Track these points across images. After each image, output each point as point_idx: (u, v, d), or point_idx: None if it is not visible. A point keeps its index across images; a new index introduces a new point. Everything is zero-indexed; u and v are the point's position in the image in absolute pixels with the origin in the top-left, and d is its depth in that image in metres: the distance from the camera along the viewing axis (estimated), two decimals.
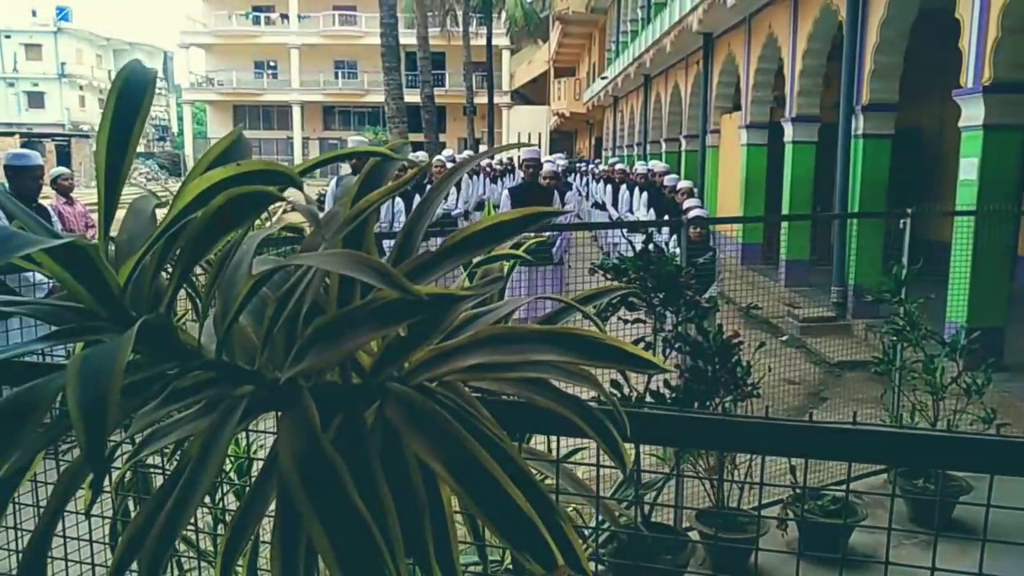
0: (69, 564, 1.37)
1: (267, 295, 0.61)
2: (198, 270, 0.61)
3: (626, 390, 3.40)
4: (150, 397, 0.56)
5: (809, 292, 10.33)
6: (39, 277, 4.74)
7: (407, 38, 28.55)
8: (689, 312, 3.51)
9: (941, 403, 4.23)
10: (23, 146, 44.09)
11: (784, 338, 8.71)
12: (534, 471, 1.11)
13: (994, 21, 6.22)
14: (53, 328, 0.53)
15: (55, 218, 5.61)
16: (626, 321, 3.42)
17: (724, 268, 9.36)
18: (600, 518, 1.07)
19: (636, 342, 3.39)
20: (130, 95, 0.60)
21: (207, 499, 1.50)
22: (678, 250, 6.80)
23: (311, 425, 0.54)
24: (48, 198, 7.54)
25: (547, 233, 7.41)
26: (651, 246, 7.75)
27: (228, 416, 0.55)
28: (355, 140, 7.76)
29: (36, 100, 55.75)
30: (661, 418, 0.80)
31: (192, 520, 1.10)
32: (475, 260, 0.89)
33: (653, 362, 0.65)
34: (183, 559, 1.68)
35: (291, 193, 0.62)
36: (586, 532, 1.50)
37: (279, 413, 0.60)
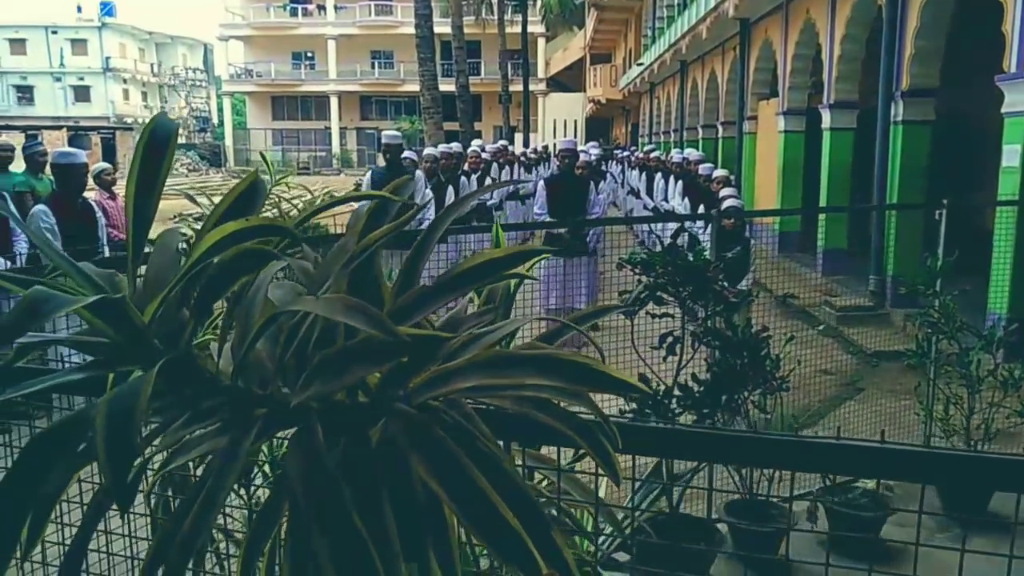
0: (115, 560, 1.46)
1: (283, 321, 0.67)
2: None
3: (654, 384, 3.45)
4: (176, 417, 0.62)
5: (846, 281, 10.19)
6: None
7: (442, 27, 28.58)
8: (718, 306, 3.53)
9: (977, 396, 4.18)
10: (70, 139, 45.27)
11: (820, 328, 8.63)
12: (542, 475, 1.16)
13: None
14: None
15: (99, 213, 5.78)
16: (654, 316, 3.45)
17: (760, 257, 9.29)
18: (601, 521, 1.12)
19: (664, 336, 3.42)
20: (156, 145, 0.66)
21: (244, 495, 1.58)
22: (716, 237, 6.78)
23: (316, 446, 0.59)
24: (93, 190, 7.77)
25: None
26: (685, 236, 7.74)
27: (244, 436, 0.61)
28: (389, 134, 7.85)
29: (82, 94, 57.02)
30: (651, 431, 0.84)
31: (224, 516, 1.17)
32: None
33: (637, 386, 0.69)
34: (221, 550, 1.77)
35: (331, 186, 0.68)
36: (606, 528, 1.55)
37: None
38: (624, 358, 3.83)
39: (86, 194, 6.53)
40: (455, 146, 9.71)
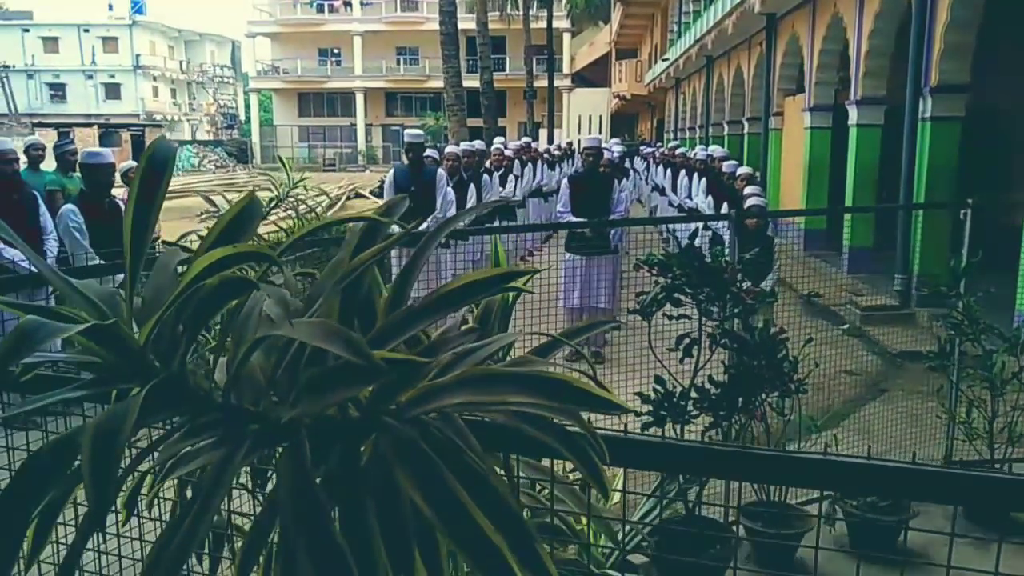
0: (125, 564, 1.50)
1: (273, 340, 0.70)
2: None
3: (670, 385, 3.44)
4: (171, 433, 0.65)
5: (873, 280, 10.07)
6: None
7: (467, 23, 28.63)
8: (735, 308, 3.51)
9: (1001, 399, 4.13)
10: (101, 137, 45.95)
11: (844, 327, 8.54)
12: (542, 486, 1.18)
13: None
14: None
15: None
16: (671, 317, 3.45)
17: (786, 255, 9.20)
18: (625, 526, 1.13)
19: (681, 338, 3.41)
20: (154, 168, 0.68)
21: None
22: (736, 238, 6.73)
23: (303, 463, 0.62)
24: (122, 188, 7.93)
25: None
26: (708, 235, 7.65)
27: (236, 451, 0.63)
28: (411, 132, 7.89)
29: (113, 91, 57.88)
30: (641, 444, 0.86)
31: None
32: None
33: (617, 403, 0.71)
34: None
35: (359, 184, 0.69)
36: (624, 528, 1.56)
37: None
38: (642, 359, 3.83)
39: (115, 192, 6.68)
40: (477, 144, 9.73)
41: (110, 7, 60.26)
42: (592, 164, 7.77)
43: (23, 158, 7.22)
